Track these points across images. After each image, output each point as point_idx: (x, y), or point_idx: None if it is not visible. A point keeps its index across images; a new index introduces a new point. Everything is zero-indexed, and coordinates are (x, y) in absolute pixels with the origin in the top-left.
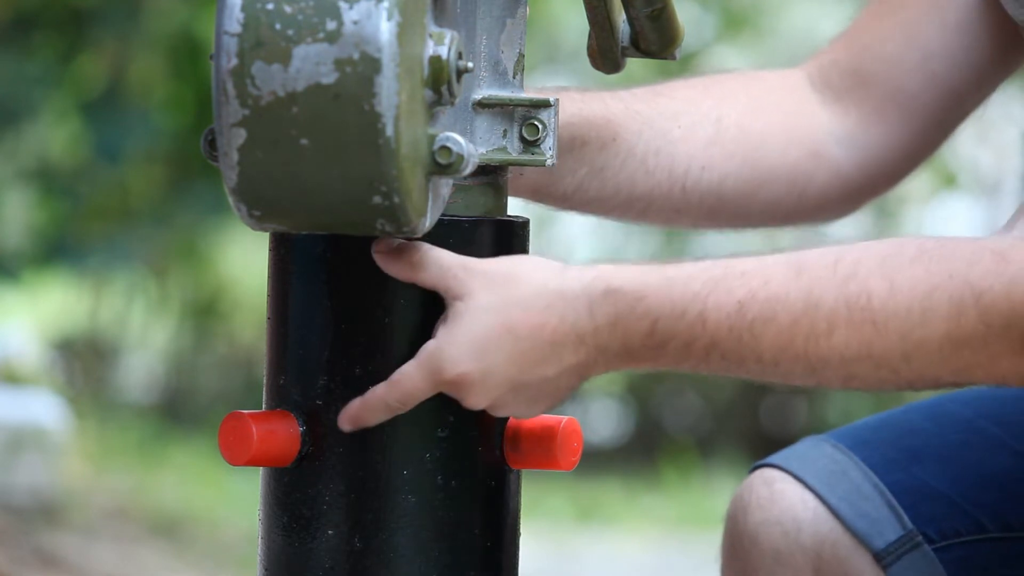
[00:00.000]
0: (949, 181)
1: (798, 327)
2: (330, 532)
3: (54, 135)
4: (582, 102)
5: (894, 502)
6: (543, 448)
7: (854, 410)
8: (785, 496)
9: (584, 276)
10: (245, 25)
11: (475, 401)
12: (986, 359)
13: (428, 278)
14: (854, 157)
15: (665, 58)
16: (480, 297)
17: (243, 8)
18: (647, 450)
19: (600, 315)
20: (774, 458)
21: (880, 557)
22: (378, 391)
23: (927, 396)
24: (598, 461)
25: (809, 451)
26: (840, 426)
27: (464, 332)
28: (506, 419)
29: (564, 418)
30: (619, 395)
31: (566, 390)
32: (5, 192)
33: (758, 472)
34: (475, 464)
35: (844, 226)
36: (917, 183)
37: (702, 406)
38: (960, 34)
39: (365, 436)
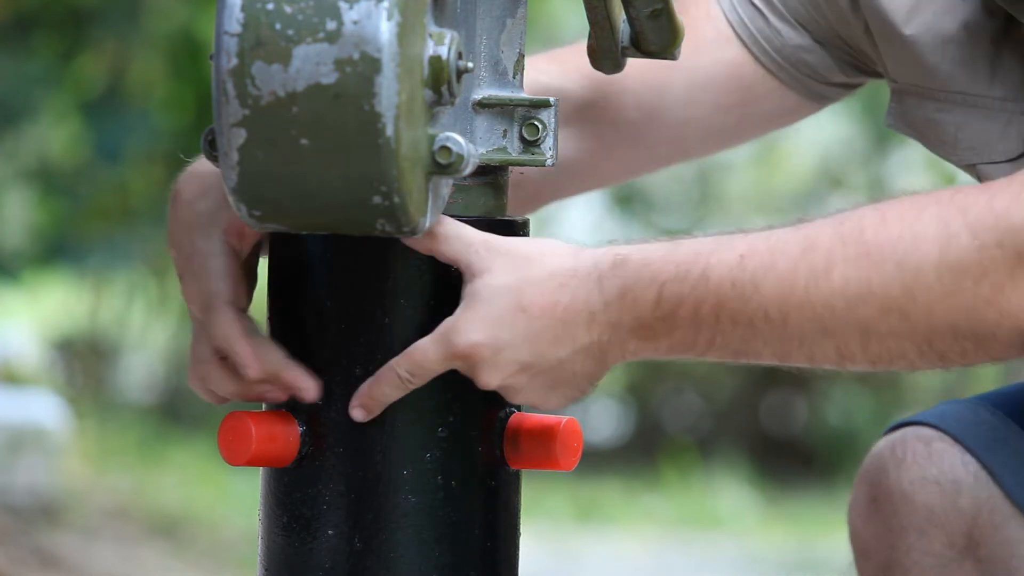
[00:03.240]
0: (949, 181)
1: (798, 270)
2: (330, 532)
3: (54, 135)
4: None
5: None
6: (543, 448)
7: (855, 409)
8: (945, 456)
9: (596, 253)
10: (245, 25)
11: (488, 379)
12: (990, 291)
13: (450, 251)
14: (555, 178)
15: (665, 58)
16: (498, 276)
17: (243, 8)
18: (647, 450)
19: (609, 288)
20: (925, 416)
21: None
22: (389, 364)
23: None
24: (598, 461)
25: (965, 413)
26: (840, 425)
27: (479, 308)
28: (506, 419)
29: (564, 418)
30: (619, 395)
31: (584, 377)
32: (5, 192)
33: (911, 428)
34: (475, 464)
35: None
36: (917, 183)
37: (702, 406)
38: (726, 113)
39: (365, 436)
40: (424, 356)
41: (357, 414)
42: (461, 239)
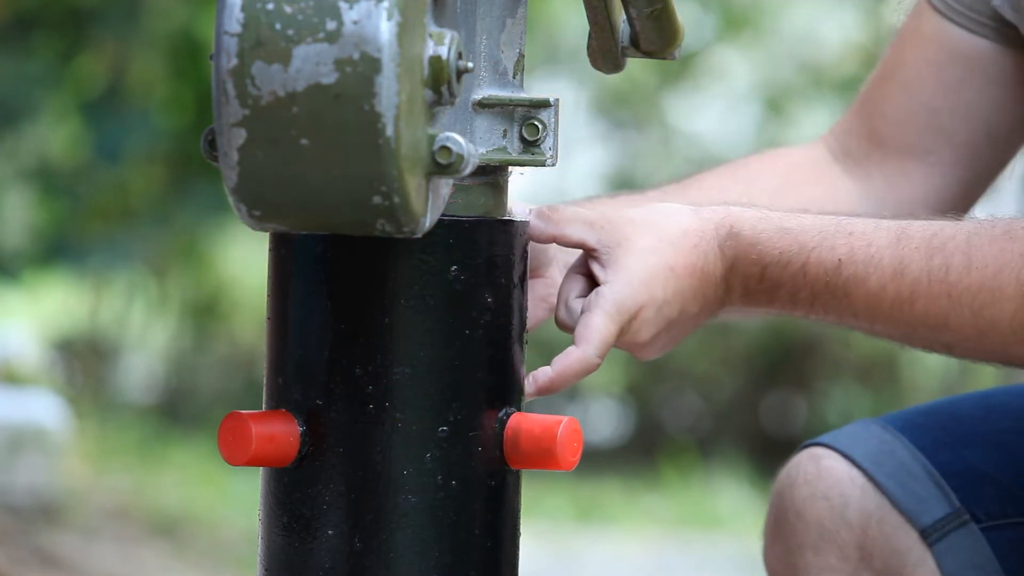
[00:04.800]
0: None
1: (885, 292)
2: (330, 532)
3: (54, 135)
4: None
5: (942, 481)
6: (543, 448)
7: (854, 410)
8: (832, 472)
9: (714, 217)
10: (245, 25)
11: (644, 336)
12: None
13: (576, 233)
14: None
15: (665, 58)
16: (637, 240)
17: (243, 8)
18: (647, 450)
19: (727, 255)
20: (823, 438)
21: (927, 534)
22: (575, 353)
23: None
24: (598, 461)
25: (858, 431)
26: (840, 426)
27: (632, 272)
28: (506, 419)
29: (564, 418)
30: (619, 395)
31: (693, 329)
32: (5, 192)
33: (805, 450)
34: (475, 464)
35: None
36: None
37: (702, 406)
38: (960, 90)
39: (365, 436)
40: (610, 334)
41: (532, 396)
42: (581, 219)
